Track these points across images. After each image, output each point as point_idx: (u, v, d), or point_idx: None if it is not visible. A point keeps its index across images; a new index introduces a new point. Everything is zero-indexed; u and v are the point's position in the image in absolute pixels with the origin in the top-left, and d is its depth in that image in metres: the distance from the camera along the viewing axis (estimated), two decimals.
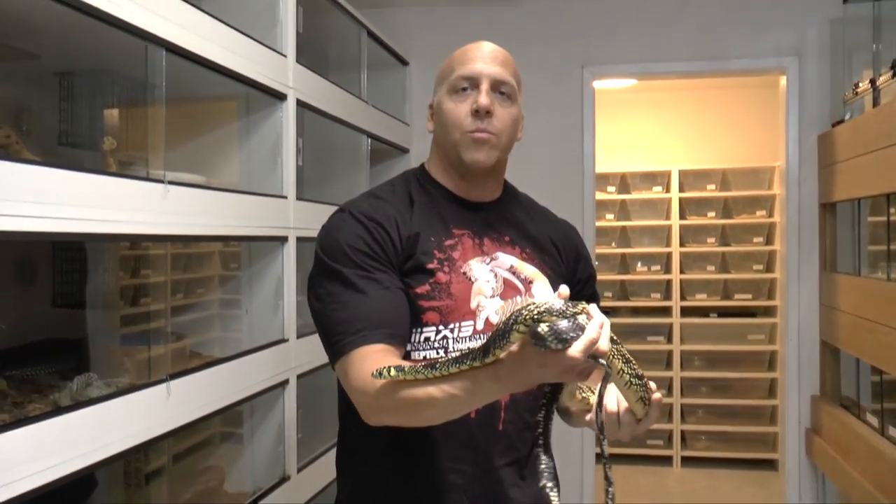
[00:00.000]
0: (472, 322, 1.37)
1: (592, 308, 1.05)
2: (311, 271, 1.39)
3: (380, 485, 1.42)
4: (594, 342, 1.01)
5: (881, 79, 2.97)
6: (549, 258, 1.51)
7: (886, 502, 2.65)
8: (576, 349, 1.00)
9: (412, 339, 1.35)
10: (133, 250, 2.27)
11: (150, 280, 2.33)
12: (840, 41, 3.60)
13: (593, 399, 1.32)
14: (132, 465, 2.14)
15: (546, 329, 1.00)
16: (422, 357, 1.35)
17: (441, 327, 1.36)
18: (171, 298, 2.40)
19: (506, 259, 1.45)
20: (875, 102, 3.06)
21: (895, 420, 2.83)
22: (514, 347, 1.06)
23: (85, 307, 2.13)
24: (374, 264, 1.33)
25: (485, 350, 1.09)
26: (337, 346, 1.27)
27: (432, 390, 1.12)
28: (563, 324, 1.00)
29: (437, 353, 1.35)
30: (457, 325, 1.36)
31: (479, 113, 1.39)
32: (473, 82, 1.40)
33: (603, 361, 1.05)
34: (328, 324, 1.30)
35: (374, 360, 1.21)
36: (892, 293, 2.78)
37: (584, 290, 1.57)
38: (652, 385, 1.20)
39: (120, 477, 2.12)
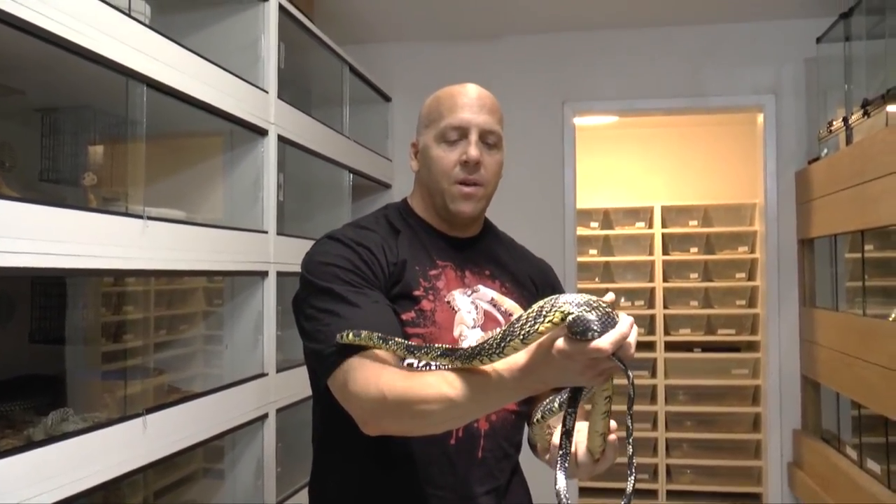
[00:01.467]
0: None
1: (619, 313, 1.05)
2: (298, 294, 1.38)
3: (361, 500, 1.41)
4: (625, 337, 1.01)
5: (853, 117, 3.03)
6: (528, 293, 1.54)
7: None
8: (607, 340, 0.99)
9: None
10: (116, 286, 2.28)
11: (130, 316, 2.34)
12: (815, 80, 3.67)
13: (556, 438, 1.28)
14: (111, 500, 2.12)
15: (582, 317, 1.00)
16: None
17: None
18: (151, 334, 2.41)
19: (487, 292, 1.48)
20: (848, 140, 3.12)
21: (873, 454, 2.84)
22: (540, 338, 1.05)
23: (63, 343, 2.13)
24: (363, 283, 1.33)
25: (476, 352, 1.10)
26: (333, 356, 1.24)
27: (445, 389, 1.11)
28: (596, 315, 1.01)
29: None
30: None
31: (469, 164, 1.42)
32: (462, 132, 1.43)
33: (623, 365, 1.03)
34: (321, 337, 1.27)
35: (375, 367, 1.20)
36: (867, 328, 2.82)
37: None
38: (613, 424, 1.19)
39: None
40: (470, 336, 1.41)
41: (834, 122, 3.29)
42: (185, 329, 2.62)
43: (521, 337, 1.06)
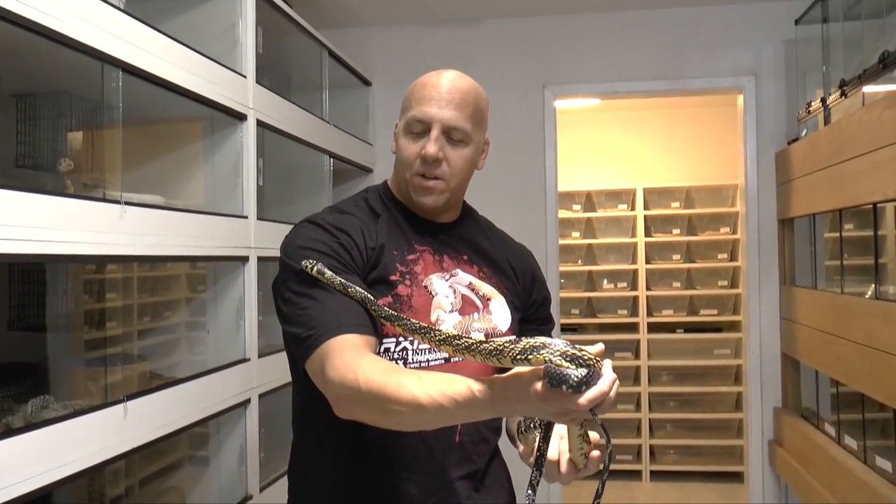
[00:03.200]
0: None
1: (606, 363, 1.06)
2: (277, 278, 1.38)
3: (333, 494, 1.41)
4: (604, 395, 1.02)
5: (831, 98, 3.05)
6: (506, 279, 1.54)
7: None
8: (586, 398, 1.00)
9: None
10: (98, 273, 2.27)
11: (112, 303, 2.33)
12: (794, 61, 3.69)
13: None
14: (96, 488, 2.12)
15: (567, 372, 1.00)
16: None
17: (401, 339, 1.37)
18: (135, 321, 2.40)
19: (465, 276, 1.48)
20: (826, 121, 3.14)
21: (851, 430, 2.89)
22: (521, 370, 1.06)
23: (43, 330, 2.12)
24: (340, 267, 1.33)
25: (469, 347, 1.13)
26: (311, 340, 1.24)
27: (418, 393, 1.10)
28: (583, 372, 1.01)
29: (396, 364, 1.35)
30: None
31: (427, 161, 1.41)
32: (425, 126, 1.41)
33: (598, 417, 1.05)
34: (300, 320, 1.28)
35: (353, 353, 1.20)
36: (845, 306, 2.85)
37: (539, 311, 1.60)
38: (595, 435, 1.20)
39: (85, 499, 2.10)
40: (447, 320, 1.41)
41: (812, 103, 3.31)
42: (168, 316, 2.62)
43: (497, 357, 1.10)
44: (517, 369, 1.09)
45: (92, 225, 1.67)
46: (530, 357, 1.05)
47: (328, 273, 1.26)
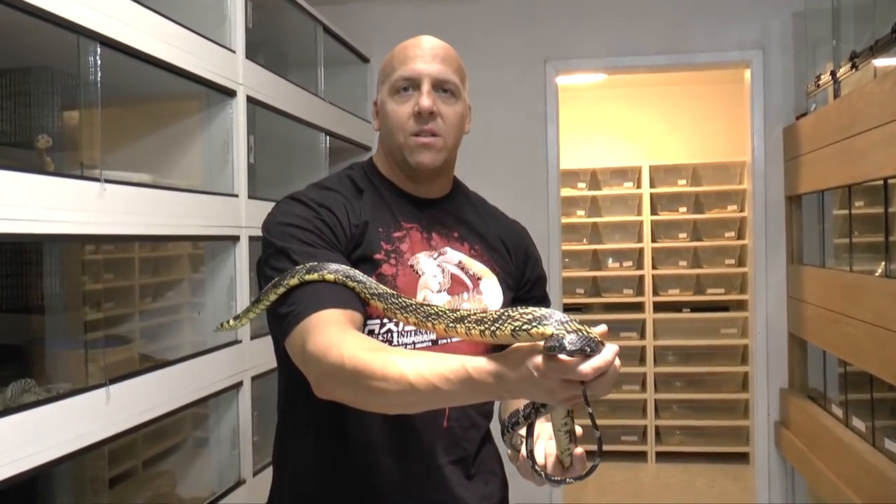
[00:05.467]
0: None
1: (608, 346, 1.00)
2: (260, 257, 1.34)
3: (317, 482, 1.37)
4: (608, 365, 0.96)
5: (841, 71, 2.96)
6: (499, 256, 1.48)
7: (850, 494, 2.64)
8: (589, 365, 0.95)
9: None
10: (92, 254, 2.23)
11: (102, 284, 2.28)
12: (802, 34, 3.60)
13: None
14: (88, 472, 2.08)
15: (569, 337, 0.95)
16: None
17: (385, 320, 1.32)
18: (130, 303, 2.36)
19: (454, 255, 1.42)
20: (836, 94, 3.06)
21: (859, 411, 2.82)
22: (519, 346, 1.01)
23: (27, 312, 2.08)
24: (323, 244, 1.29)
25: (460, 318, 1.08)
26: (291, 316, 1.19)
27: (407, 370, 1.03)
28: (586, 339, 0.96)
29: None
30: None
31: (422, 115, 1.36)
32: (414, 83, 1.37)
33: (589, 407, 0.99)
34: (280, 298, 1.23)
35: (337, 329, 1.14)
36: (853, 284, 2.78)
37: (533, 290, 1.55)
38: (579, 430, 1.14)
39: (86, 479, 2.05)
40: (435, 301, 1.35)
41: (822, 77, 3.22)
42: (159, 298, 2.56)
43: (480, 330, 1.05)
44: (515, 345, 1.02)
45: (70, 203, 1.62)
46: (532, 331, 0.99)
47: (315, 275, 1.20)
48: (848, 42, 2.98)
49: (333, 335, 1.13)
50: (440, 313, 1.11)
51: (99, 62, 1.74)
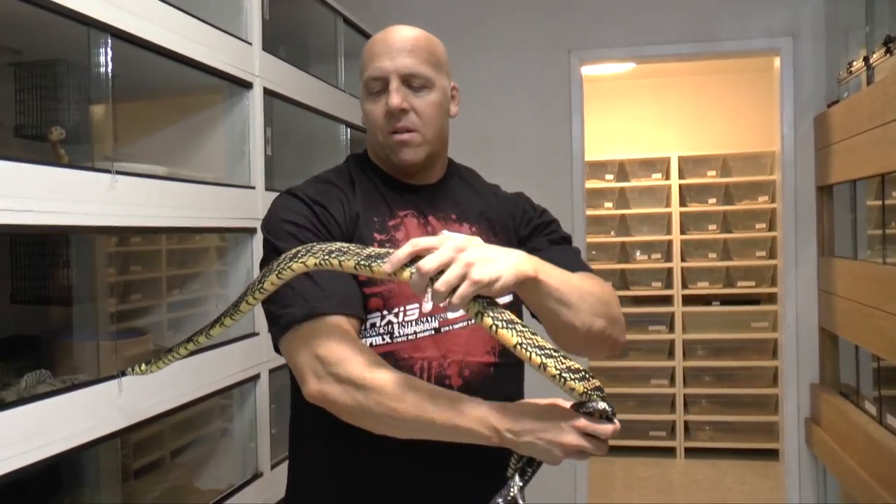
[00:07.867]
0: (417, 305, 1.31)
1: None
2: (262, 258, 1.36)
3: (329, 483, 1.36)
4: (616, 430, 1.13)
5: (874, 56, 2.87)
6: (501, 231, 1.44)
7: (884, 495, 2.56)
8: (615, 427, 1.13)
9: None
10: (122, 246, 2.23)
11: (122, 277, 2.29)
12: (834, 20, 3.50)
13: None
14: (115, 462, 2.09)
15: (606, 406, 1.11)
16: (367, 344, 1.29)
17: (385, 312, 1.31)
18: (156, 294, 2.37)
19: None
20: (869, 81, 2.97)
21: (893, 408, 2.74)
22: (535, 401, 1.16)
23: (47, 303, 2.08)
24: (318, 242, 1.26)
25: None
26: (285, 318, 1.22)
27: (430, 416, 1.13)
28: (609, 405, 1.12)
29: (383, 339, 1.30)
30: (401, 308, 1.31)
31: (393, 114, 1.34)
32: (383, 82, 1.35)
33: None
34: (274, 297, 1.23)
35: (333, 336, 1.17)
36: (887, 277, 2.69)
37: (543, 233, 1.48)
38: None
39: (111, 473, 2.06)
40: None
41: (854, 63, 3.13)
42: (186, 289, 2.56)
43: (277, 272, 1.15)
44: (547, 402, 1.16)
45: (81, 195, 1.61)
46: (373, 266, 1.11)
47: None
48: (882, 26, 2.88)
49: (334, 350, 1.17)
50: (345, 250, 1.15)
51: (110, 54, 1.73)
